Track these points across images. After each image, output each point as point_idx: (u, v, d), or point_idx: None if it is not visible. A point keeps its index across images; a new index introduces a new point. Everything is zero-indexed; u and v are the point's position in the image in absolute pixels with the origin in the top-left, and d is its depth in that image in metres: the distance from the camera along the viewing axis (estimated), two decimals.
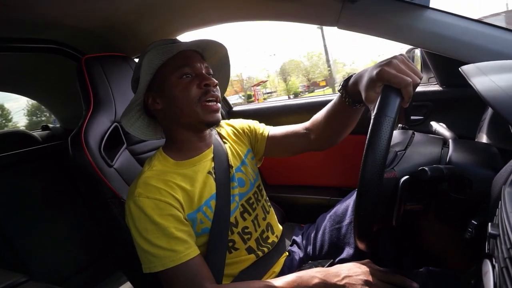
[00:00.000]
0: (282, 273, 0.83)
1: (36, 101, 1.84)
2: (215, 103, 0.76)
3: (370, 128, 0.49)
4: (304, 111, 1.33)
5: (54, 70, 1.49)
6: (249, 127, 0.94)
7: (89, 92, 0.99)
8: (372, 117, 0.50)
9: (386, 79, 0.53)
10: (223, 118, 0.99)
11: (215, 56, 0.86)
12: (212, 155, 0.82)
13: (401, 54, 0.57)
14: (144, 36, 1.20)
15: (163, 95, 0.76)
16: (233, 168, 0.83)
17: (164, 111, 0.78)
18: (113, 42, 1.22)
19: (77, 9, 0.98)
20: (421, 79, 0.55)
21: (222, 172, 0.80)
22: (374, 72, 0.56)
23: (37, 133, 1.74)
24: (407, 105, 0.52)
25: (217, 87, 0.78)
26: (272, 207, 0.94)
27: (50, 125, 1.88)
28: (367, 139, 0.49)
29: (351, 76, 0.67)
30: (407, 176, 0.55)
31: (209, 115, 0.75)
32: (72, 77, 1.03)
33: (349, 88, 0.68)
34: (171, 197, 0.70)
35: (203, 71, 0.77)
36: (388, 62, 0.55)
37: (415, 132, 0.69)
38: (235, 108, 1.63)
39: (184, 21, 1.16)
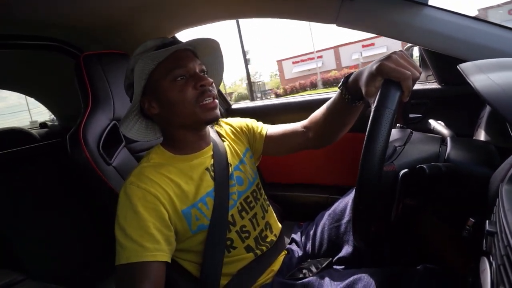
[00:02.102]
0: (281, 271, 0.83)
1: (34, 98, 1.83)
2: (212, 100, 0.74)
3: (370, 120, 0.49)
4: (303, 109, 1.33)
5: (52, 67, 1.48)
6: (247, 125, 0.94)
7: (88, 89, 0.98)
8: (372, 109, 0.50)
9: (386, 73, 0.54)
10: (222, 116, 0.98)
11: (206, 51, 0.83)
12: (211, 153, 0.81)
13: (400, 50, 0.58)
14: (143, 33, 1.19)
15: (159, 99, 0.74)
16: (232, 167, 0.83)
17: (160, 115, 0.76)
18: (111, 40, 1.21)
19: (76, 7, 0.98)
20: (420, 73, 0.55)
21: (221, 170, 0.79)
22: (374, 67, 0.56)
23: (35, 131, 1.73)
24: (407, 99, 0.53)
25: (213, 85, 0.76)
26: (270, 206, 0.94)
27: (49, 123, 1.87)
28: (367, 130, 0.49)
29: (352, 73, 0.68)
30: (406, 170, 0.55)
31: (208, 113, 0.74)
32: (71, 75, 1.03)
33: (349, 84, 0.68)
34: (161, 191, 0.70)
35: (197, 71, 0.75)
36: (388, 57, 0.55)
37: (413, 131, 0.69)
38: (234, 106, 1.63)
39: (183, 18, 1.15)
